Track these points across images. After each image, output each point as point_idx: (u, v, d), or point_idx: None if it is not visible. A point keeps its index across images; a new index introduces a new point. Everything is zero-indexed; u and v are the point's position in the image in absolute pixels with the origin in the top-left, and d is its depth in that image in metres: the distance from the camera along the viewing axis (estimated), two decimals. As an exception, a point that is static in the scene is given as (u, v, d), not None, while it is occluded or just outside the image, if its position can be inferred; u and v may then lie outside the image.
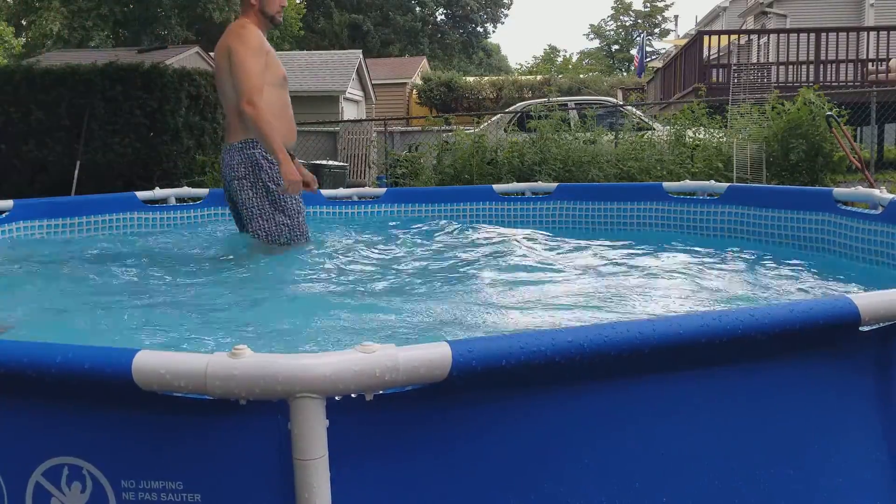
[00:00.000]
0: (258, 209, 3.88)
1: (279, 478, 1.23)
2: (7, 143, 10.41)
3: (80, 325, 2.63)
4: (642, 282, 3.21)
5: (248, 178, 3.87)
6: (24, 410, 1.34)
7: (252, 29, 3.90)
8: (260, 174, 3.86)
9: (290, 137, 4.00)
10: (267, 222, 3.90)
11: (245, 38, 3.84)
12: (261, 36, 3.91)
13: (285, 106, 3.98)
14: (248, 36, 3.86)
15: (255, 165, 3.85)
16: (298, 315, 2.69)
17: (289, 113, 4.01)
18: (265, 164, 3.85)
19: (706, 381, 1.45)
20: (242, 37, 3.86)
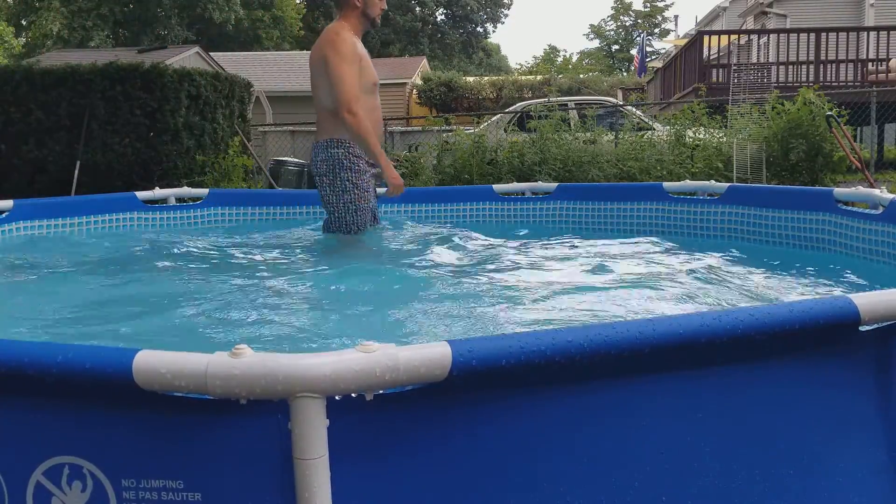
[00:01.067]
0: (334, 206, 4.07)
1: (279, 477, 1.23)
2: (7, 143, 10.41)
3: (80, 325, 2.63)
4: (642, 282, 3.21)
5: (328, 175, 4.06)
6: (24, 410, 1.34)
7: (346, 36, 3.99)
8: (340, 173, 4.03)
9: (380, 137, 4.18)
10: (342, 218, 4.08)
11: (339, 47, 3.95)
12: (354, 42, 4.01)
13: (373, 109, 4.13)
14: (342, 44, 3.96)
15: (336, 164, 4.02)
16: (299, 315, 2.69)
17: (375, 116, 4.17)
18: (346, 164, 4.03)
19: (706, 381, 1.45)
20: (336, 45, 3.95)
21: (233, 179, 10.39)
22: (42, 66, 10.70)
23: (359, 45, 4.04)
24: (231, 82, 11.46)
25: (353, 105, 3.90)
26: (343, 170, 4.01)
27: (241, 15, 34.15)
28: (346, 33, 3.99)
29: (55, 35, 30.76)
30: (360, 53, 4.00)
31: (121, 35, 34.04)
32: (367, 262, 3.80)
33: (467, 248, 4.18)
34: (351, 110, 3.89)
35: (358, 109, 3.90)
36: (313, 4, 39.67)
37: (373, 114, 4.11)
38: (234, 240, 4.73)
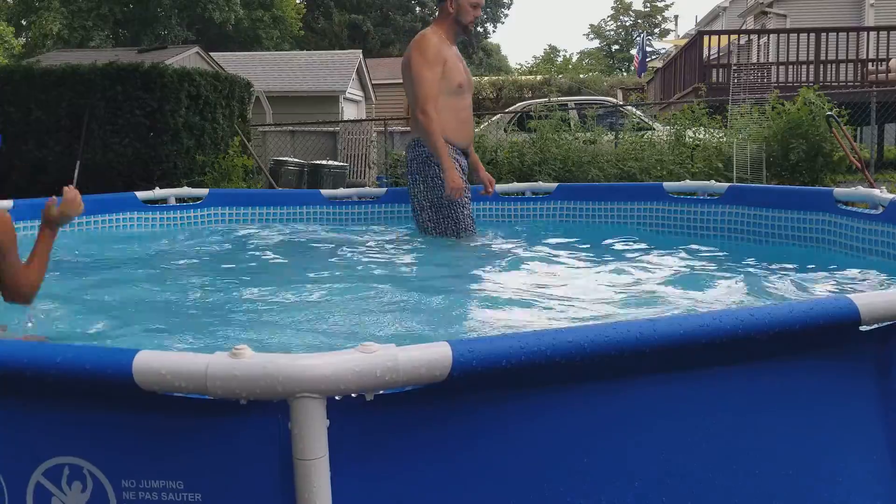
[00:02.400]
0: (426, 202, 4.27)
1: (279, 478, 1.23)
2: (7, 143, 10.40)
3: (80, 326, 2.63)
4: (643, 282, 3.21)
5: (419, 172, 4.27)
6: (24, 410, 1.34)
7: (431, 40, 4.22)
8: (429, 171, 4.23)
9: (462, 138, 4.35)
10: (433, 215, 4.26)
11: (423, 50, 4.21)
12: (439, 45, 4.21)
13: (459, 110, 4.31)
14: (426, 47, 4.21)
15: (424, 163, 4.24)
16: (299, 315, 2.69)
17: (462, 116, 4.34)
18: (432, 162, 4.20)
19: (707, 381, 1.44)
20: (421, 47, 4.22)
21: (233, 179, 10.39)
22: (42, 66, 10.69)
23: (445, 49, 4.23)
24: (231, 82, 11.45)
25: (427, 105, 4.11)
26: (430, 168, 4.21)
27: (241, 15, 34.13)
28: (432, 37, 4.24)
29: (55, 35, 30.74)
30: (445, 56, 4.21)
31: (121, 35, 34.03)
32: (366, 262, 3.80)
33: (467, 248, 4.18)
34: (424, 110, 4.12)
35: (430, 109, 4.11)
36: (313, 4, 39.66)
37: (459, 114, 4.30)
38: (233, 240, 4.73)
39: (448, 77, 4.21)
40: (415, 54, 4.20)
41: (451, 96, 4.24)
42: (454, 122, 4.26)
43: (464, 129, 4.36)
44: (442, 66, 4.17)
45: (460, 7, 4.22)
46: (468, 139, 4.42)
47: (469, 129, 4.43)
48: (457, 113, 4.28)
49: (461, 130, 4.34)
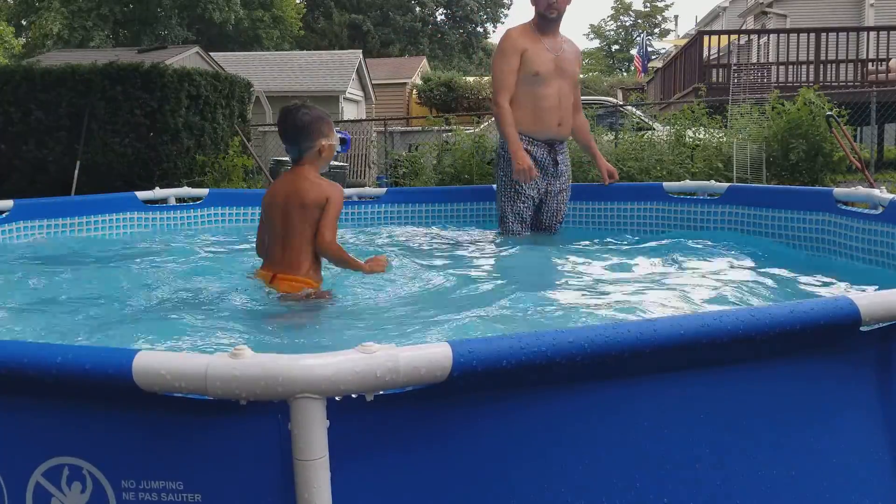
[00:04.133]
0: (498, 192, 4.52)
1: (279, 478, 1.22)
2: (7, 143, 10.41)
3: (80, 326, 2.63)
4: (642, 282, 3.21)
5: (497, 166, 4.52)
6: (24, 410, 1.34)
7: (509, 34, 4.44)
8: (500, 163, 4.46)
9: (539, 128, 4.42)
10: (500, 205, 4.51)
11: (502, 43, 4.46)
12: (516, 38, 4.39)
13: (540, 98, 4.38)
14: (504, 40, 4.45)
15: (499, 156, 4.49)
16: (299, 315, 2.69)
17: (542, 104, 4.41)
18: (504, 155, 4.41)
19: (707, 382, 1.44)
20: (501, 41, 4.48)
21: (233, 179, 10.39)
22: (42, 66, 10.70)
23: (525, 40, 4.39)
24: (231, 82, 11.45)
25: (499, 96, 4.33)
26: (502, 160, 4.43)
27: (241, 15, 34.14)
28: (512, 31, 4.46)
29: (55, 35, 30.74)
30: (523, 47, 4.36)
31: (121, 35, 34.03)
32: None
33: (468, 249, 4.18)
34: (496, 101, 4.35)
35: (502, 101, 4.32)
36: (313, 4, 39.65)
37: (539, 102, 4.38)
38: (232, 240, 4.73)
39: (526, 65, 4.34)
40: (497, 48, 4.49)
41: (529, 85, 4.36)
42: (530, 112, 4.38)
43: (543, 118, 4.41)
44: (519, 56, 4.33)
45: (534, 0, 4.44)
46: (549, 129, 4.46)
47: (551, 118, 4.43)
48: (535, 102, 4.38)
49: (539, 120, 4.41)
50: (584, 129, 4.84)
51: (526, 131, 4.38)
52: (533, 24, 4.45)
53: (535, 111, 4.37)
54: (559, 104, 4.42)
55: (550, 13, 4.37)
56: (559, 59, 4.40)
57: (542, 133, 4.43)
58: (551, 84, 4.38)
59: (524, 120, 4.36)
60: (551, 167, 4.49)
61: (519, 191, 4.41)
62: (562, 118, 4.45)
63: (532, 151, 4.38)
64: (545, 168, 4.47)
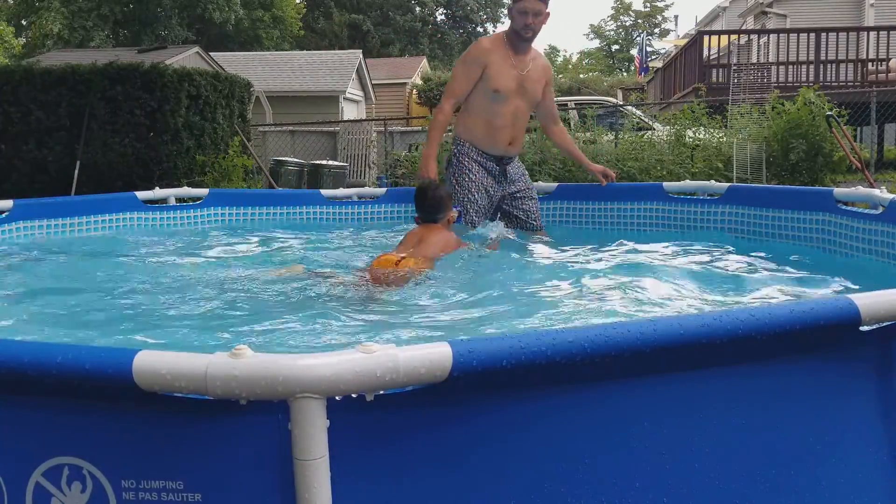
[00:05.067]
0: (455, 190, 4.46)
1: (279, 478, 1.22)
2: (7, 143, 10.41)
3: (80, 326, 2.63)
4: (642, 282, 3.21)
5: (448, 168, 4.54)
6: (24, 410, 1.34)
7: (479, 44, 4.47)
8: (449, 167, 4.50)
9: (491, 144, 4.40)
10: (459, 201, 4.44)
11: (470, 50, 4.48)
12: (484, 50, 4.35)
13: (493, 115, 4.35)
14: (472, 48, 4.47)
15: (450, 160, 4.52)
16: (299, 315, 2.69)
17: (497, 122, 4.36)
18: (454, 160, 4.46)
19: (707, 382, 1.44)
20: (469, 49, 4.49)
21: (233, 179, 10.39)
22: (42, 66, 10.69)
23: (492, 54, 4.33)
24: (231, 82, 11.45)
25: (446, 100, 4.38)
26: (452, 164, 4.46)
27: (241, 15, 34.13)
28: (484, 40, 4.49)
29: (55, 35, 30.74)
30: (490, 61, 4.30)
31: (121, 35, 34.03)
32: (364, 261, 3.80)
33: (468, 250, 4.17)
34: (441, 104, 4.39)
35: (447, 106, 4.37)
36: (313, 4, 39.65)
37: (494, 119, 4.36)
38: (232, 240, 4.73)
39: (487, 80, 4.29)
40: (463, 54, 4.50)
41: (487, 100, 4.31)
42: (483, 127, 4.36)
43: (495, 137, 4.38)
44: (482, 69, 4.28)
45: (511, 16, 4.37)
46: (500, 146, 4.42)
47: (504, 136, 4.40)
48: (490, 119, 4.34)
49: (492, 137, 4.38)
50: (564, 138, 4.87)
51: (478, 144, 4.39)
52: (506, 38, 4.38)
53: (489, 127, 4.36)
54: (513, 123, 4.41)
55: (526, 33, 4.33)
56: (523, 78, 4.37)
57: (492, 149, 4.41)
58: (510, 103, 4.35)
59: (477, 133, 4.38)
60: (501, 176, 4.51)
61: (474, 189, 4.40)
62: (514, 137, 4.45)
63: (482, 162, 4.40)
64: (496, 176, 4.48)
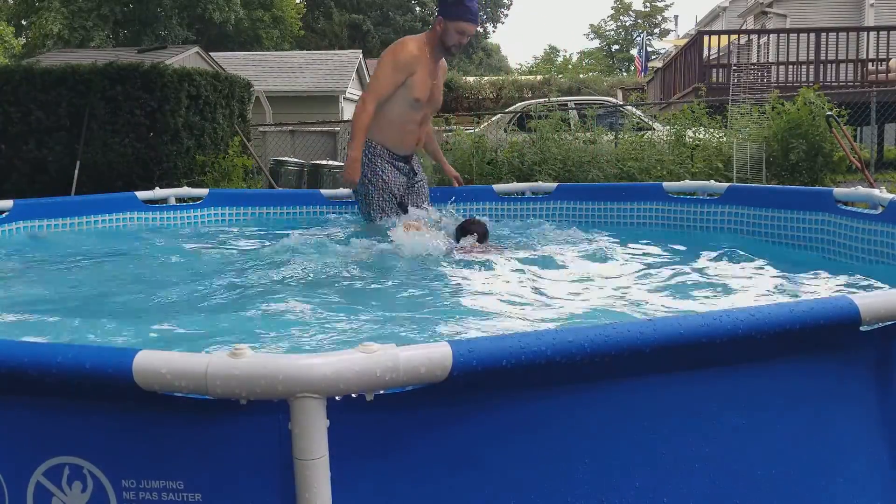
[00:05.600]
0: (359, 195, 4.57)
1: (279, 478, 1.23)
2: (7, 143, 10.41)
3: (80, 325, 2.63)
4: (642, 282, 3.21)
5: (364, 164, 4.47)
6: (24, 410, 1.34)
7: (408, 47, 4.34)
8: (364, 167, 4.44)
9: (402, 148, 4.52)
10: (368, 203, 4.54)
11: (396, 52, 4.34)
12: (414, 54, 4.31)
13: (407, 122, 4.44)
14: (400, 52, 4.33)
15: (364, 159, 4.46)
16: (299, 315, 2.69)
17: (408, 128, 4.53)
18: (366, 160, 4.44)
19: (707, 382, 1.44)
20: (395, 51, 4.35)
21: (233, 179, 10.39)
22: (42, 66, 10.70)
23: (418, 62, 4.32)
24: (231, 82, 11.45)
25: (371, 99, 4.25)
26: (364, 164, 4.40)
27: (241, 15, 34.14)
28: (412, 46, 4.34)
29: (55, 35, 30.75)
30: (415, 70, 4.31)
31: (121, 35, 34.04)
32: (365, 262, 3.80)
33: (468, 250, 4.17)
34: (365, 102, 4.26)
35: (371, 106, 4.24)
36: (313, 4, 39.65)
37: (407, 125, 4.43)
38: (232, 240, 4.73)
39: (409, 87, 4.33)
40: (387, 55, 4.36)
41: (404, 107, 4.39)
42: (397, 132, 4.44)
43: (405, 140, 4.52)
44: (407, 75, 4.30)
45: (447, 29, 4.34)
46: (409, 148, 4.61)
47: (412, 140, 4.58)
48: (403, 124, 4.44)
49: (401, 141, 4.51)
50: (431, 138, 4.98)
51: (390, 147, 4.47)
52: (429, 45, 4.39)
53: (402, 132, 4.46)
54: (421, 126, 4.58)
55: (455, 50, 4.42)
56: (434, 87, 4.49)
57: (402, 151, 4.54)
58: (422, 110, 4.50)
59: (391, 137, 4.43)
60: (411, 172, 4.66)
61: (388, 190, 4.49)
62: (419, 138, 4.65)
63: (393, 163, 4.51)
64: (407, 174, 4.63)
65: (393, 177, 4.51)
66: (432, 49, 4.39)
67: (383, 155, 4.45)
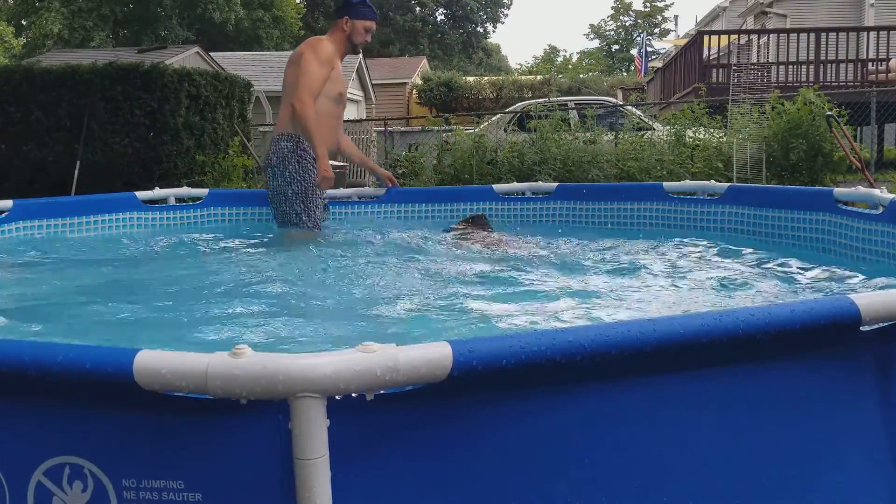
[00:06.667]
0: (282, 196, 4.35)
1: (280, 477, 1.23)
2: (7, 143, 10.41)
3: (80, 325, 2.63)
4: (642, 282, 3.21)
5: (277, 167, 4.35)
6: (25, 410, 1.34)
7: (327, 45, 4.39)
8: (287, 166, 4.32)
9: (330, 144, 4.47)
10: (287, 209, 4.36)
11: (318, 49, 4.35)
12: (332, 51, 4.38)
13: (332, 117, 4.50)
14: (322, 49, 4.35)
15: (284, 158, 4.32)
16: (299, 315, 2.69)
17: (332, 123, 4.50)
18: (292, 158, 4.31)
19: (707, 382, 1.44)
20: (316, 48, 4.35)
21: (233, 179, 10.39)
22: (42, 66, 10.70)
23: (335, 58, 4.41)
24: (231, 82, 11.45)
25: (307, 95, 4.20)
26: (290, 163, 4.31)
27: (241, 15, 34.14)
28: (328, 43, 4.40)
29: (55, 35, 30.75)
30: (335, 64, 4.39)
31: (121, 35, 34.05)
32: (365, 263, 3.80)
33: (465, 249, 4.18)
34: (302, 99, 4.20)
35: (309, 100, 4.21)
36: (313, 4, 39.66)
37: (329, 121, 4.46)
38: (232, 240, 4.73)
39: (333, 83, 4.39)
40: (308, 52, 4.32)
41: (329, 102, 4.43)
42: (325, 128, 4.41)
43: (330, 137, 4.52)
44: (330, 69, 4.33)
45: (354, 28, 4.42)
46: (333, 147, 4.64)
47: (334, 136, 4.60)
48: (328, 119, 4.45)
49: (330, 138, 4.51)
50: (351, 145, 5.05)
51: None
52: (337, 45, 4.43)
53: (329, 128, 4.46)
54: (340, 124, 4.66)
55: (362, 45, 4.49)
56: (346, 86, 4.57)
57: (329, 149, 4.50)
58: (342, 106, 4.57)
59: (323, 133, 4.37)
60: None
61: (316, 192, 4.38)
62: (339, 136, 4.71)
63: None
64: None
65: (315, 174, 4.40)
66: (342, 47, 4.46)
67: (311, 151, 4.34)
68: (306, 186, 4.32)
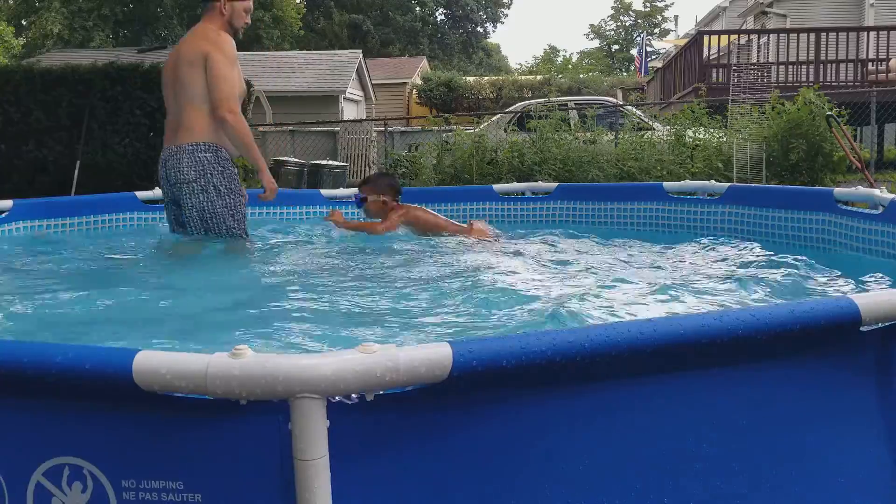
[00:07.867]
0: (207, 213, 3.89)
1: (280, 478, 1.22)
2: (7, 143, 10.41)
3: (80, 325, 2.63)
4: (642, 282, 3.21)
5: (197, 181, 3.86)
6: (24, 410, 1.34)
7: (227, 37, 3.92)
8: (212, 179, 3.87)
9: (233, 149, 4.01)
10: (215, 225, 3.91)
11: (222, 47, 3.86)
12: (234, 45, 3.95)
13: None
14: (225, 44, 3.88)
15: (204, 171, 3.85)
16: (299, 316, 2.69)
17: None
18: (216, 169, 3.87)
19: (707, 382, 1.44)
20: (220, 45, 3.86)
21: (233, 179, 10.37)
22: (42, 66, 10.70)
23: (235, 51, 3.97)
24: (231, 82, 11.43)
25: (234, 104, 3.82)
26: (213, 175, 3.86)
27: (241, 15, 34.07)
28: (226, 36, 3.93)
29: (55, 35, 30.75)
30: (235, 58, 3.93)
31: (121, 35, 34.05)
32: (365, 263, 3.80)
33: (468, 248, 4.17)
34: (232, 109, 3.80)
35: (237, 108, 3.84)
36: (313, 4, 39.66)
37: None
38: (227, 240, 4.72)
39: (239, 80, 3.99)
40: (214, 51, 3.82)
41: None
42: None
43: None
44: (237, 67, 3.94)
45: (234, 11, 3.97)
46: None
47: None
48: None
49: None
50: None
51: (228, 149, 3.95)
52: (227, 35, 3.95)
53: None
54: None
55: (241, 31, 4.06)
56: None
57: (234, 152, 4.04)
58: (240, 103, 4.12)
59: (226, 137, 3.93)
60: None
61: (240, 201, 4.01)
62: None
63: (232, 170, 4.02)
64: None
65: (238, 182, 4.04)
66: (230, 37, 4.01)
67: (228, 158, 3.94)
68: (236, 199, 3.95)
